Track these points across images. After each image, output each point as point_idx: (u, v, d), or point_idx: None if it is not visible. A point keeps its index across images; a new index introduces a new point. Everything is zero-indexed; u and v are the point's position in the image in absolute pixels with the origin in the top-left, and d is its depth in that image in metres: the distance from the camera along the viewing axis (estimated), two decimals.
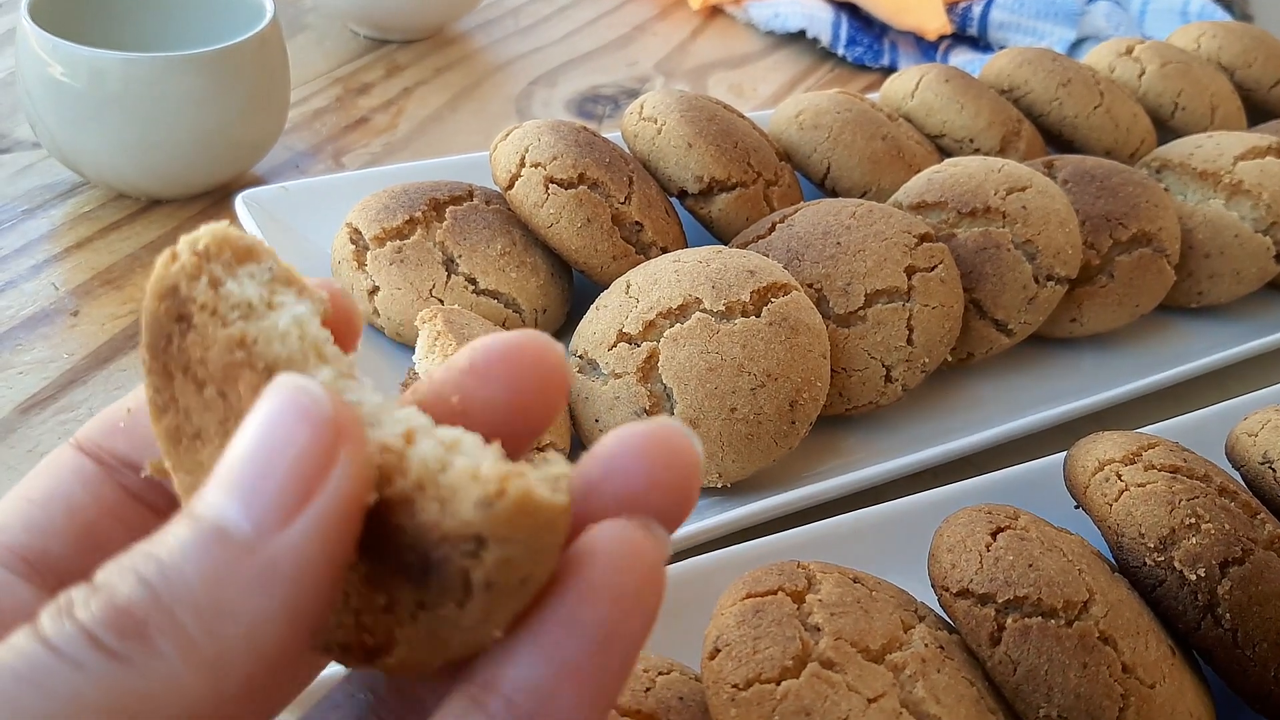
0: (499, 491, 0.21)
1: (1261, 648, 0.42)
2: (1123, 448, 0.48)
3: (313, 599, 0.21)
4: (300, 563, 0.21)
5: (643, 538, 0.23)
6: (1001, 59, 0.82)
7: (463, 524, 0.21)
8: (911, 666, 0.39)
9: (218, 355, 0.24)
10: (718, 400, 0.53)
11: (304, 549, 0.21)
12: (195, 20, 0.79)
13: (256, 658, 0.20)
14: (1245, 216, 0.70)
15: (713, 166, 0.65)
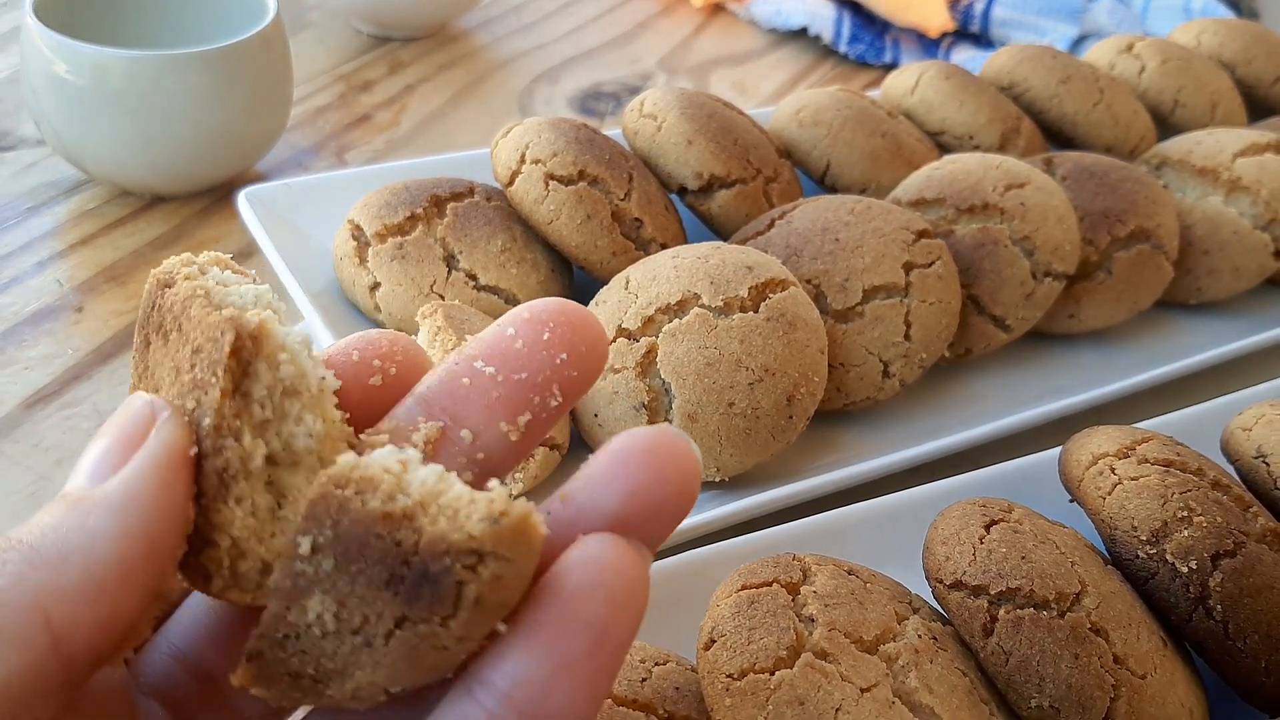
0: (504, 511, 0.23)
1: (1252, 639, 0.42)
2: (1117, 442, 0.48)
3: (145, 521, 0.24)
4: (126, 493, 0.25)
5: (630, 548, 0.24)
6: (1002, 56, 0.82)
7: (468, 537, 0.22)
8: (905, 657, 0.40)
9: (182, 294, 0.27)
10: (716, 395, 0.53)
11: (128, 484, 0.25)
12: (198, 18, 0.80)
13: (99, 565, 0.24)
14: (1244, 213, 0.71)
15: (712, 163, 0.65)
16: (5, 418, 0.60)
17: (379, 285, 0.61)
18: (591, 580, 0.24)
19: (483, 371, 0.28)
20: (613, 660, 0.24)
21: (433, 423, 0.28)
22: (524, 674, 0.24)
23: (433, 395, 0.29)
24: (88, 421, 0.61)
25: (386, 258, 0.61)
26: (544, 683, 0.24)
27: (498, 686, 0.24)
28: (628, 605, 0.24)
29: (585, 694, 0.24)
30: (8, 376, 0.63)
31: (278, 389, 0.26)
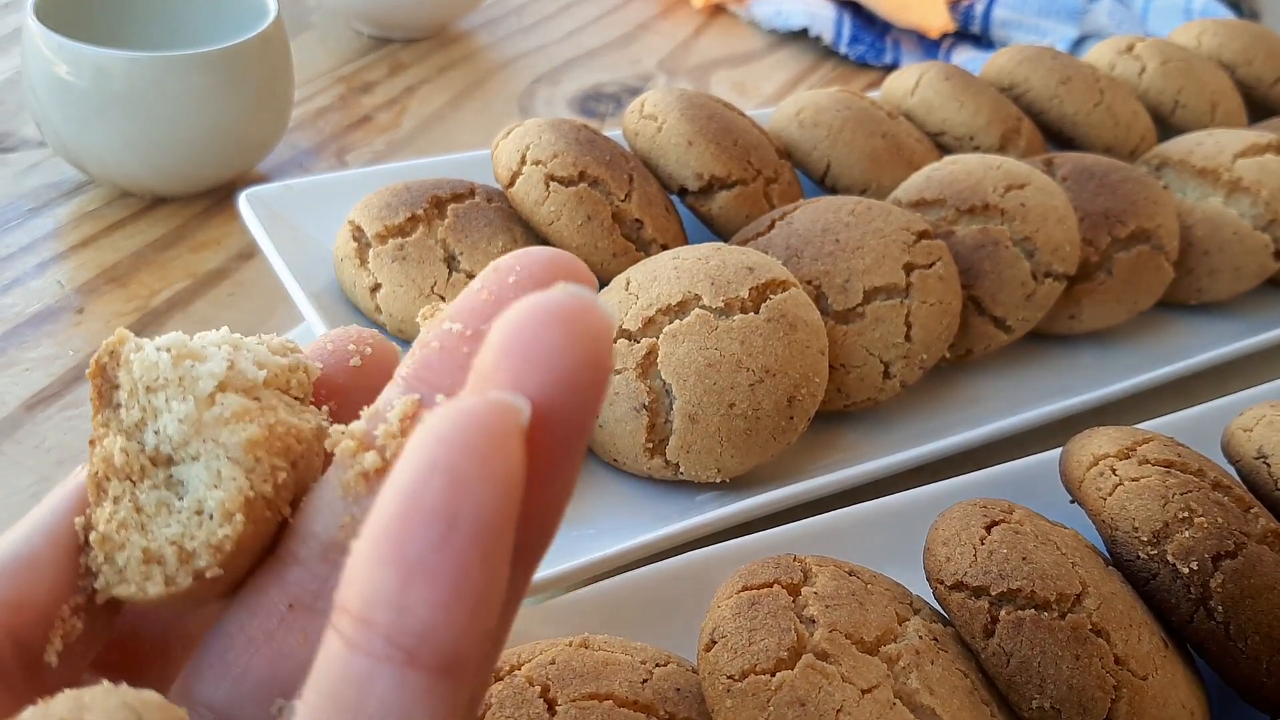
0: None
1: (1254, 640, 0.43)
2: (1117, 443, 0.48)
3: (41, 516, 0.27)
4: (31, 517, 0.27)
5: (482, 405, 0.20)
6: (1002, 57, 0.82)
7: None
8: (905, 658, 0.40)
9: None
10: (716, 396, 0.53)
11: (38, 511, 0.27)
12: (199, 19, 0.80)
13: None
14: (1245, 214, 0.71)
15: (713, 164, 0.65)
16: (6, 419, 0.60)
17: (380, 286, 0.61)
18: (429, 457, 0.20)
19: (451, 330, 0.26)
20: (478, 555, 0.20)
21: (407, 396, 0.26)
22: (374, 591, 0.20)
23: (411, 371, 0.27)
24: (88, 422, 0.60)
25: (387, 259, 0.61)
26: (396, 597, 0.20)
27: (353, 612, 0.20)
28: (479, 479, 0.20)
29: (451, 598, 0.20)
30: (9, 377, 0.63)
31: (139, 388, 0.26)
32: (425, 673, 0.20)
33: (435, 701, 0.20)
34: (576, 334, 0.21)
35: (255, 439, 0.26)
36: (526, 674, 0.40)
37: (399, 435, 0.26)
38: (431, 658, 0.20)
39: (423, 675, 0.20)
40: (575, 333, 0.21)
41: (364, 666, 0.20)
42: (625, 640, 0.43)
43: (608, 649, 0.42)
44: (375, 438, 0.26)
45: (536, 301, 0.21)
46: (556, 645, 0.42)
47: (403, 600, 0.20)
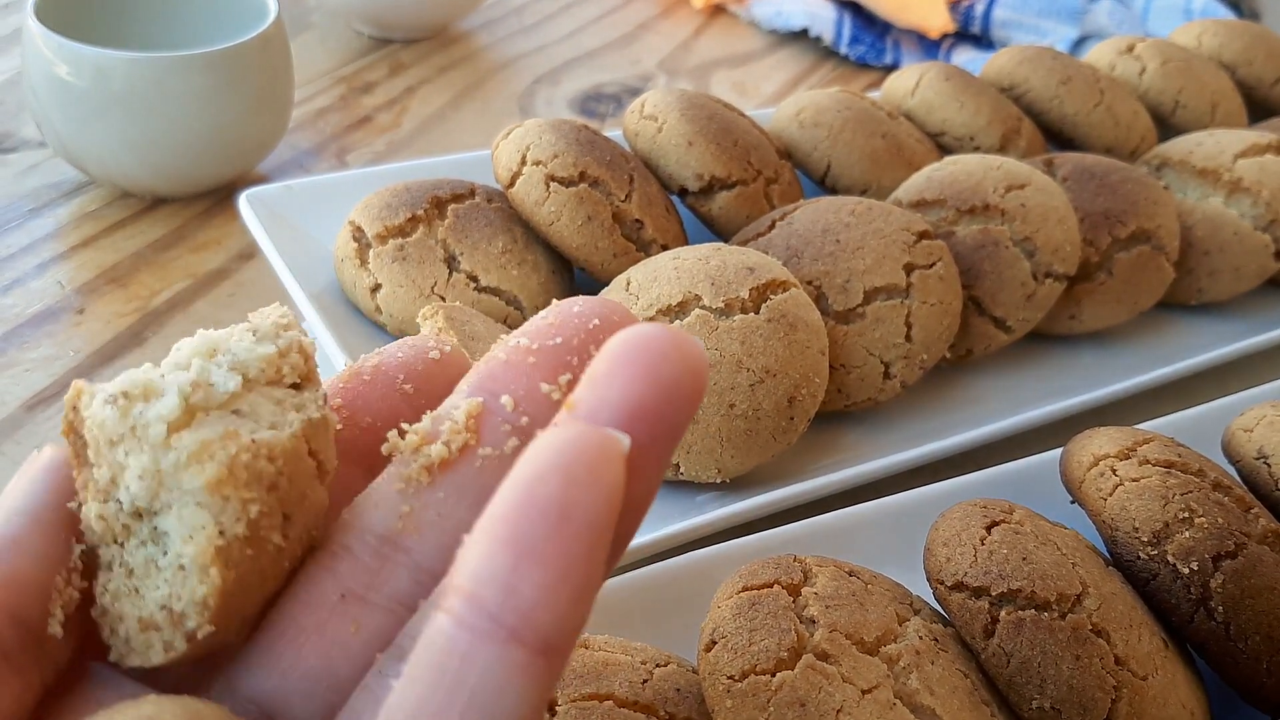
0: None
1: (1254, 640, 0.42)
2: (1118, 443, 0.48)
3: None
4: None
5: (598, 431, 0.23)
6: (1002, 57, 0.82)
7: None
8: (906, 658, 0.40)
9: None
10: (716, 396, 0.53)
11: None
12: (199, 20, 0.80)
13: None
14: (1245, 214, 0.71)
15: (713, 164, 0.65)
16: (7, 419, 0.60)
17: (380, 286, 0.61)
18: (548, 460, 0.22)
19: (518, 344, 0.28)
20: (585, 545, 0.22)
21: (472, 399, 0.28)
22: (485, 571, 0.22)
23: (477, 380, 0.29)
24: None
25: (387, 259, 0.61)
26: (507, 578, 0.22)
27: (463, 589, 0.22)
28: (594, 480, 0.22)
29: (557, 583, 0.22)
30: (9, 378, 0.63)
31: (101, 445, 0.25)
32: (525, 650, 0.22)
33: (531, 679, 0.22)
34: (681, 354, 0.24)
35: (217, 479, 0.24)
36: None
37: (464, 431, 0.27)
38: (533, 637, 0.22)
39: (523, 652, 0.22)
40: (680, 354, 0.24)
41: (469, 640, 0.22)
42: (625, 640, 0.43)
43: (608, 649, 0.42)
44: (440, 433, 0.27)
45: (646, 327, 0.25)
46: None
47: (513, 580, 0.22)
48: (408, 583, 0.27)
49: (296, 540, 0.26)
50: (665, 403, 0.24)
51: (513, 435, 0.28)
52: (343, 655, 0.27)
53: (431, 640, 0.23)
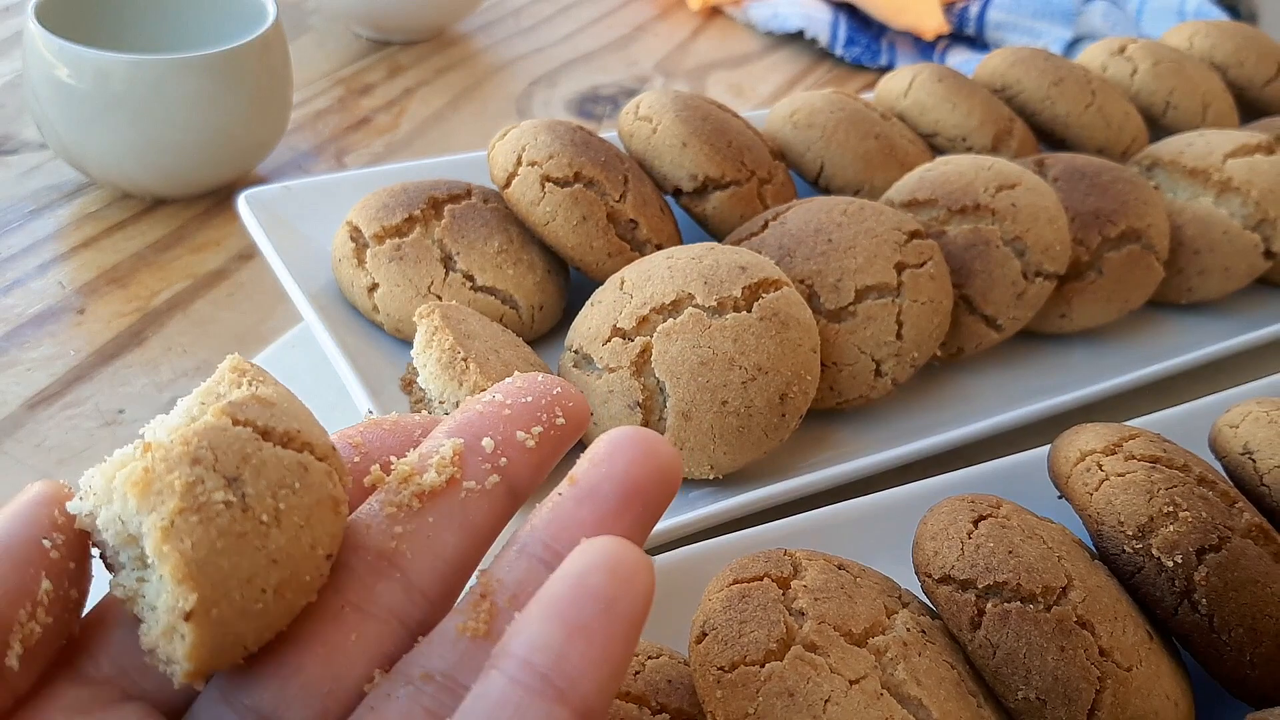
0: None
1: (1237, 633, 0.43)
2: (1104, 439, 0.49)
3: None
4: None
5: (628, 543, 0.27)
6: (994, 58, 0.83)
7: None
8: (893, 650, 0.40)
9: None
10: (709, 394, 0.54)
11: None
12: (199, 22, 0.81)
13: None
14: (1234, 213, 0.71)
15: (707, 165, 0.66)
16: (8, 418, 0.61)
17: (377, 286, 0.61)
18: (596, 559, 0.27)
19: (493, 399, 0.34)
20: (623, 630, 0.26)
21: (453, 440, 0.32)
22: (540, 640, 0.26)
23: (453, 425, 0.33)
24: (90, 422, 0.61)
25: (385, 259, 0.61)
26: (560, 647, 0.26)
27: (518, 655, 0.26)
28: (632, 580, 0.27)
29: (600, 657, 0.26)
30: (10, 377, 0.64)
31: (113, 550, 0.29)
32: (569, 710, 0.26)
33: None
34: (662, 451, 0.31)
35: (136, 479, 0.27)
36: None
37: (451, 465, 0.32)
38: (577, 700, 0.26)
39: (566, 712, 0.26)
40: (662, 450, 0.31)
41: (522, 698, 0.26)
42: None
43: None
44: (429, 467, 0.32)
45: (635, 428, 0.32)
46: None
47: (564, 649, 0.26)
48: (401, 597, 0.30)
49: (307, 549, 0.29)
50: (652, 486, 0.30)
51: (494, 473, 0.32)
52: (343, 663, 0.29)
53: (486, 693, 0.26)
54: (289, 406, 0.31)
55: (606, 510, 0.30)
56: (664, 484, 0.31)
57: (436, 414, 0.56)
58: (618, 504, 0.30)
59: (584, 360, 0.57)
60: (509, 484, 0.33)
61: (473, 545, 0.32)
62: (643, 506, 0.30)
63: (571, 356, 0.58)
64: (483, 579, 0.31)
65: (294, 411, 0.31)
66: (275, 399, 0.30)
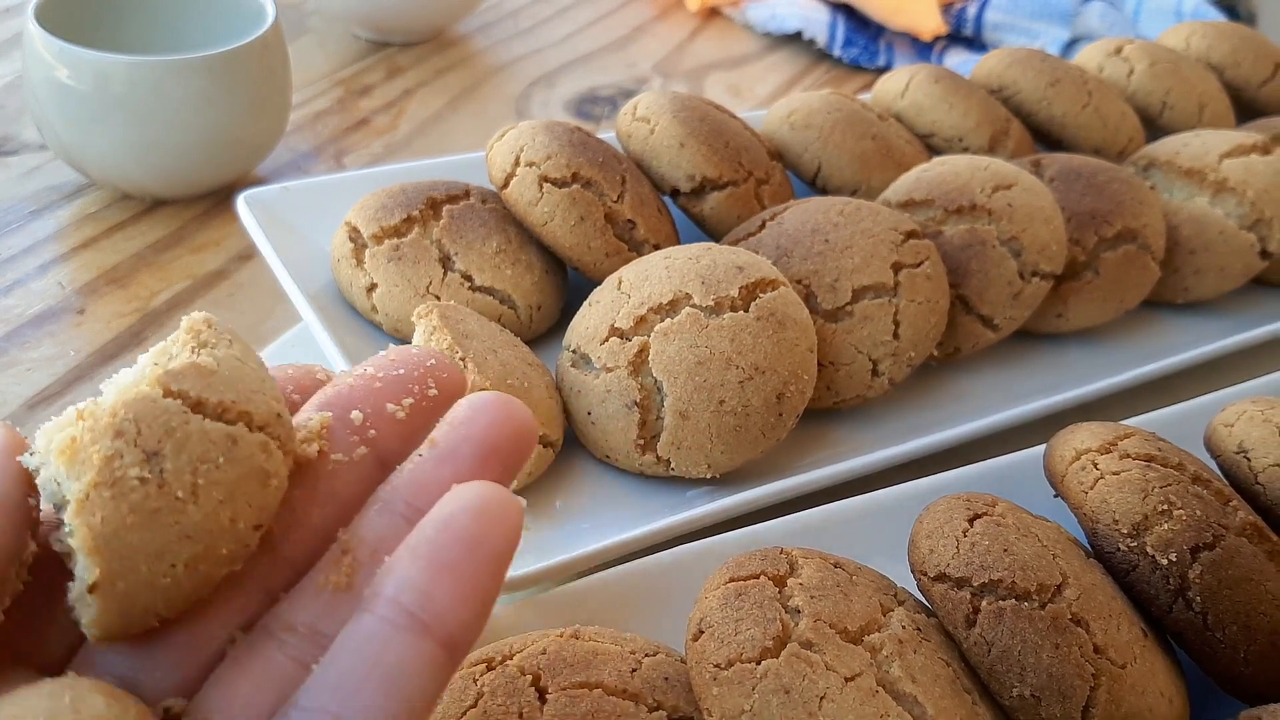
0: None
1: (1231, 630, 0.43)
2: (1099, 437, 0.49)
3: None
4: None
5: (497, 487, 0.29)
6: (991, 59, 0.83)
7: None
8: (888, 647, 0.41)
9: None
10: (706, 393, 0.54)
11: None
12: (198, 23, 0.81)
13: None
14: (1230, 213, 0.71)
15: (704, 165, 0.66)
16: (9, 418, 0.61)
17: (376, 286, 0.61)
18: (463, 502, 0.29)
19: (364, 372, 0.34)
20: (490, 567, 0.28)
21: (321, 414, 0.33)
22: (408, 580, 0.28)
23: (323, 398, 0.34)
24: None
25: (383, 259, 0.62)
26: (426, 586, 0.28)
27: (387, 595, 0.28)
28: (498, 521, 0.29)
29: (466, 593, 0.28)
30: (11, 377, 0.64)
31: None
32: (435, 644, 0.28)
33: (436, 669, 0.28)
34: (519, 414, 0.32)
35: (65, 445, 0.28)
36: (518, 663, 0.41)
37: (315, 440, 0.32)
38: (442, 633, 0.28)
39: (433, 646, 0.28)
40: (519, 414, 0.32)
41: (389, 632, 0.28)
42: (616, 631, 0.44)
43: (598, 640, 0.43)
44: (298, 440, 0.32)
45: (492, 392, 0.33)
46: (548, 636, 0.43)
47: (430, 588, 0.28)
48: (266, 567, 0.31)
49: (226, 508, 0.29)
50: (509, 446, 0.32)
51: (361, 445, 0.33)
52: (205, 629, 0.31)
53: (354, 632, 0.28)
54: (232, 373, 0.31)
55: (465, 469, 0.31)
56: (520, 444, 0.32)
57: None
58: (476, 464, 0.31)
59: (582, 360, 0.58)
60: (377, 455, 0.33)
61: (339, 515, 0.32)
62: (500, 466, 0.32)
63: (569, 356, 0.59)
64: (344, 536, 0.32)
65: (236, 379, 0.31)
66: (216, 367, 0.31)
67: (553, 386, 0.58)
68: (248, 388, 0.31)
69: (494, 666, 0.41)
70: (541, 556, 0.50)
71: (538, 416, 0.54)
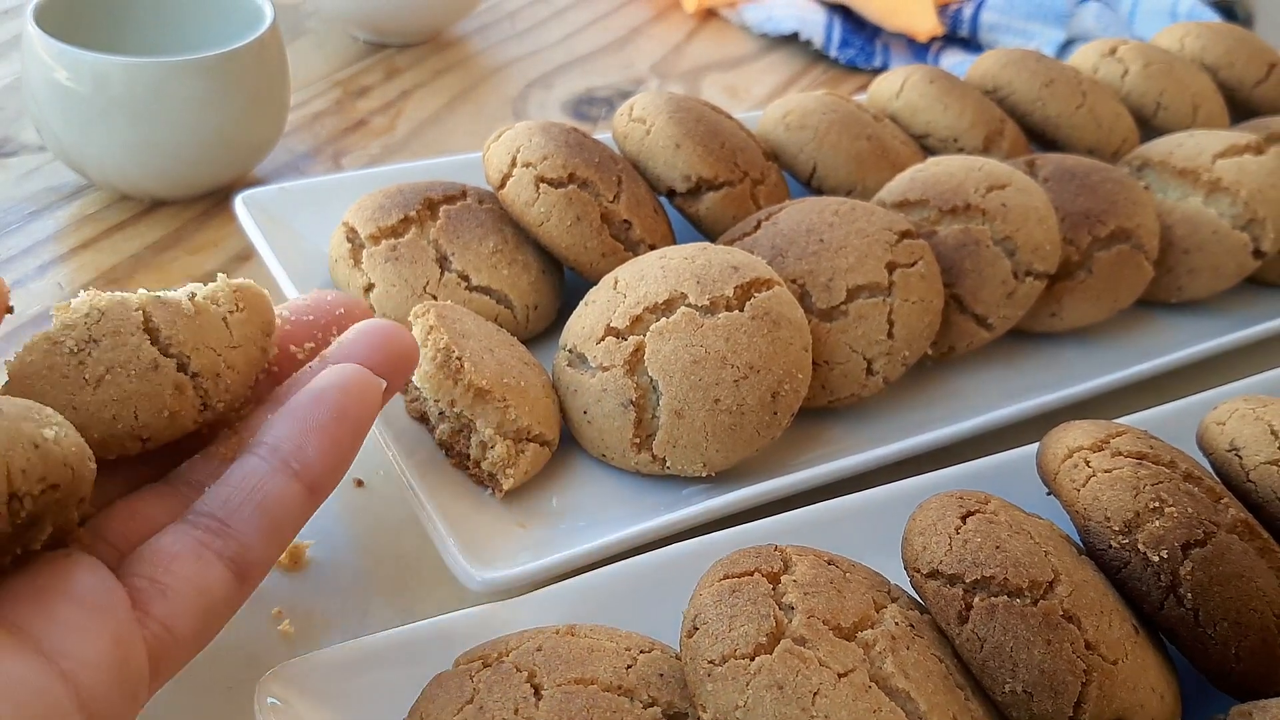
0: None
1: (1222, 626, 0.44)
2: (1091, 435, 0.50)
3: None
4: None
5: (363, 370, 0.40)
6: (986, 60, 0.83)
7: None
8: (881, 644, 0.41)
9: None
10: (702, 392, 0.54)
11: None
12: (196, 25, 0.81)
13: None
14: (1224, 213, 0.72)
15: (700, 166, 0.66)
16: None
17: (373, 286, 0.62)
18: (331, 379, 0.40)
19: (282, 315, 0.45)
20: (351, 432, 0.40)
21: None
22: (286, 434, 0.39)
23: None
24: None
25: (380, 259, 0.62)
26: (299, 438, 0.39)
27: (268, 444, 0.39)
28: (360, 394, 0.40)
29: (331, 448, 0.39)
30: None
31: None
32: (302, 486, 0.39)
33: (302, 506, 0.39)
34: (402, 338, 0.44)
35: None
36: (514, 660, 0.41)
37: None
38: (310, 478, 0.39)
39: (301, 487, 0.39)
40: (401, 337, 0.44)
41: (267, 470, 0.38)
42: (611, 628, 0.44)
43: (593, 636, 0.43)
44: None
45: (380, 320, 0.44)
46: (544, 633, 0.43)
47: (302, 441, 0.39)
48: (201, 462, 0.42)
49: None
50: (392, 362, 0.42)
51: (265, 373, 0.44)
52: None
53: (241, 464, 0.39)
54: (203, 325, 0.40)
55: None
56: (401, 361, 0.42)
57: (431, 412, 0.56)
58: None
59: (578, 359, 0.58)
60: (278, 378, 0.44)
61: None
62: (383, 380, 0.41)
63: (566, 356, 0.59)
64: (237, 423, 0.42)
65: (203, 330, 0.40)
66: (191, 313, 0.40)
67: (549, 385, 0.58)
68: (206, 342, 0.40)
69: (490, 663, 0.42)
70: (537, 554, 0.50)
71: (534, 415, 0.54)
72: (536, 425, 0.54)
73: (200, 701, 0.46)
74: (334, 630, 0.50)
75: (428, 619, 0.46)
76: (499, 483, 0.54)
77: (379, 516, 0.56)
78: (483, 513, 0.53)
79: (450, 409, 0.54)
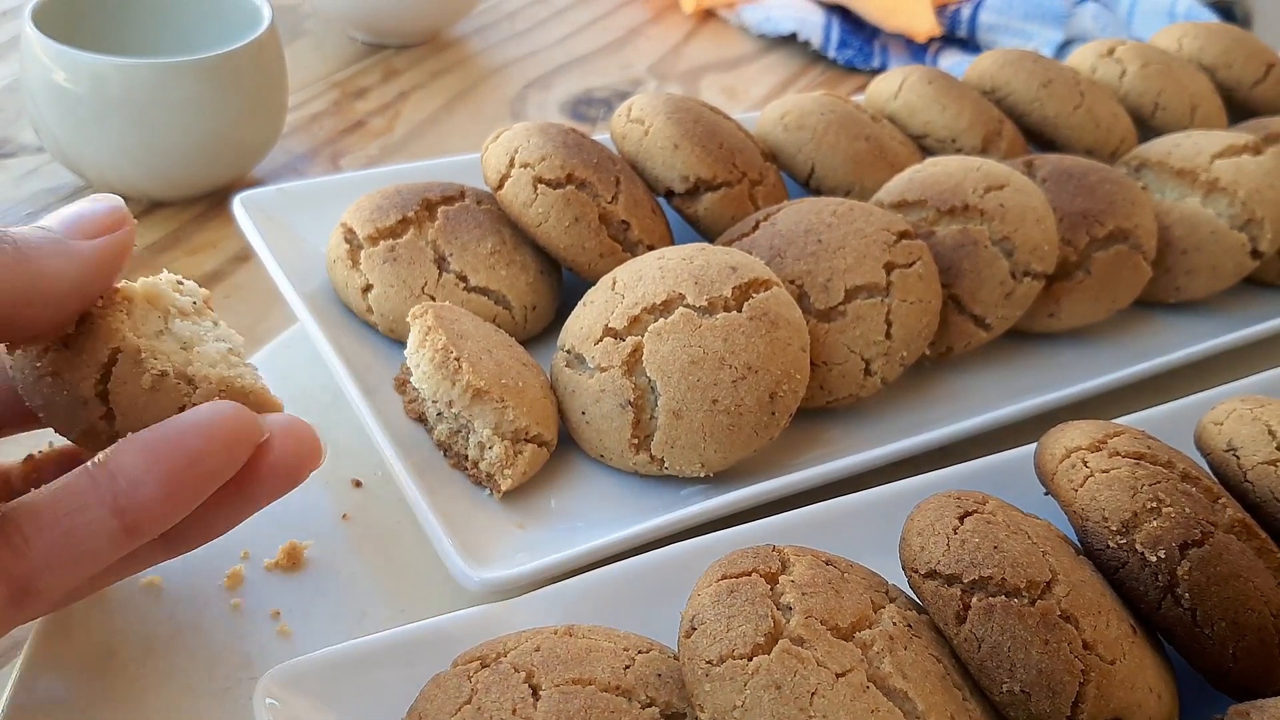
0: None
1: (1219, 626, 0.44)
2: (1089, 436, 0.50)
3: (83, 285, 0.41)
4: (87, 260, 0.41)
5: (244, 414, 0.38)
6: (984, 60, 0.83)
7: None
8: (879, 644, 0.41)
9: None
10: (700, 392, 0.54)
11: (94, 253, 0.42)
12: (195, 26, 0.81)
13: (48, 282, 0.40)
14: (1222, 213, 0.72)
15: (698, 166, 0.66)
16: None
17: (371, 287, 0.62)
18: (198, 421, 0.37)
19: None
20: (200, 480, 0.37)
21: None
22: (130, 466, 0.36)
23: None
24: None
25: (379, 260, 0.62)
26: (139, 476, 0.36)
27: (109, 469, 0.36)
28: (223, 444, 0.37)
29: (166, 495, 0.36)
30: None
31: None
32: (120, 524, 0.36)
33: (111, 542, 0.36)
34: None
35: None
36: (512, 661, 0.41)
37: None
38: (131, 520, 0.36)
39: (116, 524, 0.36)
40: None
41: (93, 493, 0.36)
42: (610, 629, 0.44)
43: (591, 637, 0.43)
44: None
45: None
46: (542, 633, 0.43)
47: (140, 478, 0.36)
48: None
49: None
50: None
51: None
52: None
53: (76, 474, 0.37)
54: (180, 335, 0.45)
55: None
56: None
57: (429, 412, 0.56)
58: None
59: (576, 360, 0.58)
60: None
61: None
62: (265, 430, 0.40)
63: (564, 356, 0.59)
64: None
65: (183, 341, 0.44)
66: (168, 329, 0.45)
67: (547, 386, 0.58)
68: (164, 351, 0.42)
69: (488, 664, 0.42)
70: (535, 555, 0.50)
71: (532, 416, 0.54)
72: (535, 426, 0.54)
73: (199, 702, 0.46)
74: (332, 631, 0.50)
75: (426, 619, 0.46)
76: (497, 483, 0.54)
77: (377, 517, 0.56)
78: (481, 513, 0.53)
79: (448, 409, 0.54)
